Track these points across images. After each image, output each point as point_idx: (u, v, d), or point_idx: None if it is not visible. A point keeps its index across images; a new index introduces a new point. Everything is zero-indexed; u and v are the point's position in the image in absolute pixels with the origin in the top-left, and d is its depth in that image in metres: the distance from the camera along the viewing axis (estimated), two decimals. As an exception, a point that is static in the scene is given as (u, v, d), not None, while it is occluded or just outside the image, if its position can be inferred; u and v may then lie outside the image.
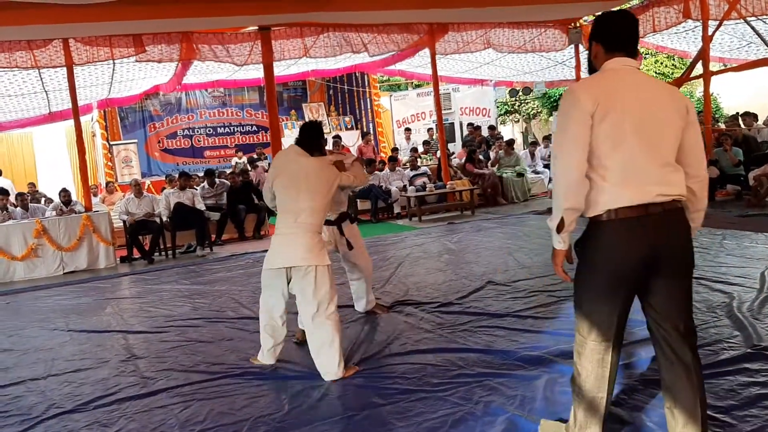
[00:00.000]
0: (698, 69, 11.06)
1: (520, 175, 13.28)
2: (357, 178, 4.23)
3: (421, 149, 15.75)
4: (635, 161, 2.23)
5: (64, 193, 10.31)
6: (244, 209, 11.10)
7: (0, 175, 13.85)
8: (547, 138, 15.89)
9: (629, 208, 2.23)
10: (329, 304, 3.74)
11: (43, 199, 12.53)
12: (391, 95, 20.15)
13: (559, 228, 2.30)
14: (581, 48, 13.42)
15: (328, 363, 3.71)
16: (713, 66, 12.13)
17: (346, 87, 18.69)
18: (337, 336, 3.72)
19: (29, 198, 10.94)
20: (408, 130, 18.08)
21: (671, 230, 2.29)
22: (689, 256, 2.37)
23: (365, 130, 18.49)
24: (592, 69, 2.48)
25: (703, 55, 10.69)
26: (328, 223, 4.54)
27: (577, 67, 13.95)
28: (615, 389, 2.55)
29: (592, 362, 2.39)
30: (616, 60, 2.36)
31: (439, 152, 13.85)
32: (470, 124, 17.20)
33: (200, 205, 10.32)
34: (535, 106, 24.61)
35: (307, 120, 18.04)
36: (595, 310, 2.36)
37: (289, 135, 17.45)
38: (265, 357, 4.06)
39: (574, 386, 2.49)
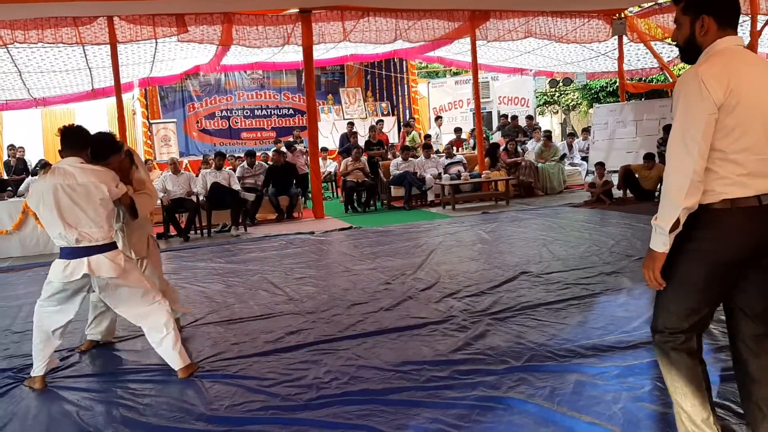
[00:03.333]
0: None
1: (562, 157, 13.12)
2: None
3: (453, 137, 15.59)
4: (759, 152, 2.10)
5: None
6: (273, 191, 11.19)
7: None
8: (586, 130, 15.66)
9: (746, 198, 2.10)
10: None
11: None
12: (428, 82, 20.06)
13: (673, 228, 2.11)
14: (625, 39, 13.18)
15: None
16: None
17: (383, 72, 18.65)
18: None
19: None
20: (439, 118, 17.92)
21: None
22: None
23: (402, 116, 18.44)
24: (694, 49, 2.22)
25: (750, 49, 10.40)
26: None
27: (620, 59, 13.71)
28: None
29: (686, 363, 2.24)
30: (729, 38, 2.15)
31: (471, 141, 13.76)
32: (504, 116, 17.05)
33: (236, 186, 10.42)
34: (575, 97, 24.27)
35: (344, 105, 18.18)
36: (683, 304, 2.21)
37: (326, 119, 17.50)
38: None
39: (670, 389, 2.32)
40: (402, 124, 17.41)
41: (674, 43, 2.31)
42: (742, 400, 2.34)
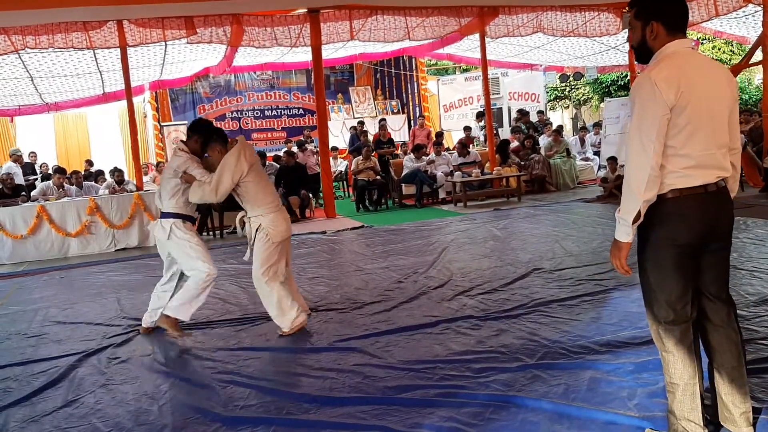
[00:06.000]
0: (758, 55, 10.65)
1: (569, 154, 13.06)
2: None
3: (462, 135, 15.52)
4: (706, 147, 2.27)
5: (117, 173, 10.56)
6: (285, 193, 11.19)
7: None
8: (598, 125, 15.58)
9: (693, 188, 2.29)
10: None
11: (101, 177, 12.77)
12: (438, 79, 20.00)
13: (635, 220, 2.29)
14: (635, 32, 13.07)
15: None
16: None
17: (393, 71, 18.63)
18: None
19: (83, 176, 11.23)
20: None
21: (724, 206, 2.36)
22: (732, 228, 2.44)
23: (412, 114, 18.41)
24: (645, 51, 2.39)
25: (763, 40, 10.29)
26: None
27: (631, 52, 13.60)
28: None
29: (677, 343, 2.37)
30: (679, 42, 2.31)
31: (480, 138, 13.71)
32: (519, 110, 16.98)
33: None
34: (586, 91, 24.15)
35: (354, 104, 18.20)
36: (667, 288, 2.35)
37: (336, 118, 17.50)
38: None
39: (666, 378, 2.45)
40: (413, 122, 17.38)
41: (629, 44, 2.50)
42: (708, 368, 2.50)
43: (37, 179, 12.88)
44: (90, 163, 14.14)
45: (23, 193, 10.35)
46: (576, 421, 2.76)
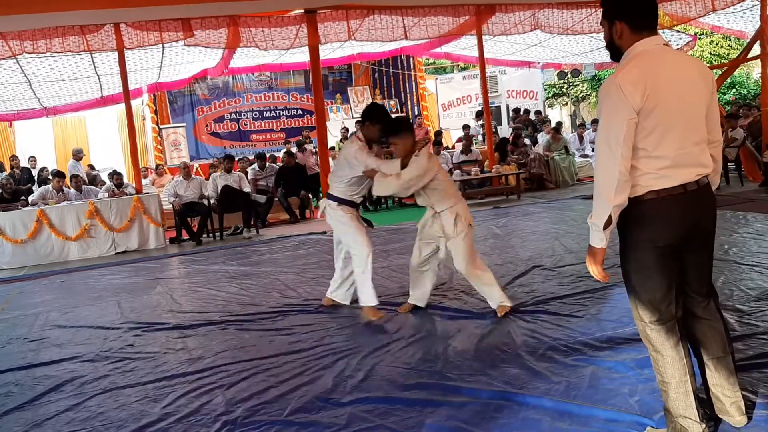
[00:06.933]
0: (755, 50, 10.65)
1: (567, 151, 13.06)
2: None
3: (462, 134, 15.54)
4: (681, 146, 2.25)
5: (117, 176, 10.56)
6: (284, 193, 11.20)
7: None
8: (595, 122, 15.58)
9: (671, 188, 2.26)
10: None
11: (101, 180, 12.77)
12: (436, 78, 20.00)
13: (607, 225, 2.28)
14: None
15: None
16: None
17: (391, 70, 18.63)
18: None
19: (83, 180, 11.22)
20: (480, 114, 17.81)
21: (705, 204, 2.34)
22: (714, 226, 2.43)
23: (411, 113, 18.41)
24: (615, 50, 2.38)
25: (761, 35, 10.30)
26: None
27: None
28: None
29: (664, 343, 2.36)
30: (647, 41, 2.27)
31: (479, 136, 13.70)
32: (516, 110, 16.99)
33: (246, 188, 10.45)
34: (584, 88, 24.17)
35: (352, 103, 18.20)
36: (650, 289, 2.33)
37: (335, 119, 17.49)
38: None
39: (657, 377, 2.44)
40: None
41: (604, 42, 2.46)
42: (698, 360, 2.50)
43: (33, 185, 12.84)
44: (92, 167, 14.15)
45: (23, 197, 10.34)
46: (577, 419, 2.76)
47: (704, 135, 2.31)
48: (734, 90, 20.52)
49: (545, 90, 22.16)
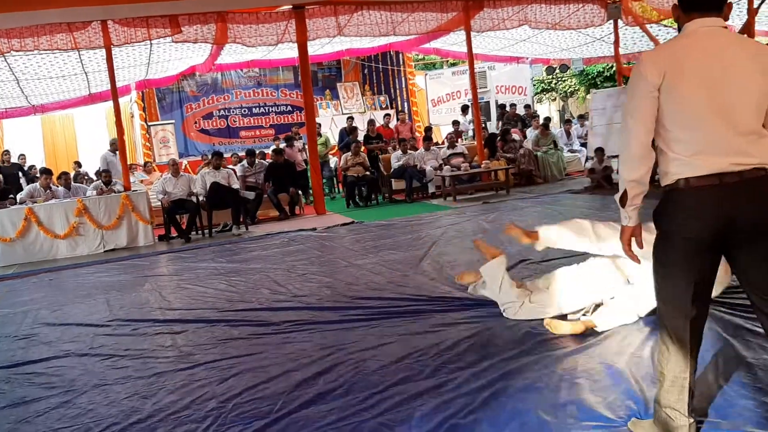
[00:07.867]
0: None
1: (556, 146, 13.13)
2: None
3: (451, 129, 15.60)
4: (710, 133, 2.16)
5: (105, 174, 10.52)
6: (273, 189, 11.19)
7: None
8: (583, 117, 15.65)
9: (700, 177, 2.16)
10: None
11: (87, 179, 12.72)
12: (426, 74, 20.03)
13: (623, 202, 2.27)
14: (620, 23, 13.13)
15: None
16: (759, 40, 11.75)
17: (380, 66, 18.63)
18: None
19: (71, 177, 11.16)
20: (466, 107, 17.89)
21: (752, 200, 2.15)
22: None
23: (400, 109, 18.42)
24: (679, 30, 2.37)
25: (748, 28, 10.38)
26: None
27: (616, 44, 13.66)
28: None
29: (672, 338, 2.32)
30: (695, 22, 2.24)
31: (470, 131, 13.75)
32: (502, 106, 17.05)
33: (235, 185, 10.44)
34: (573, 83, 24.25)
35: (342, 99, 18.18)
36: (670, 282, 2.30)
37: (324, 115, 17.47)
38: None
39: (657, 367, 2.42)
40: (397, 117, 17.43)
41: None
42: None
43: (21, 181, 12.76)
44: (78, 164, 14.08)
45: (11, 196, 10.28)
46: (565, 411, 2.78)
47: (752, 126, 2.16)
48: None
49: (534, 85, 22.22)
